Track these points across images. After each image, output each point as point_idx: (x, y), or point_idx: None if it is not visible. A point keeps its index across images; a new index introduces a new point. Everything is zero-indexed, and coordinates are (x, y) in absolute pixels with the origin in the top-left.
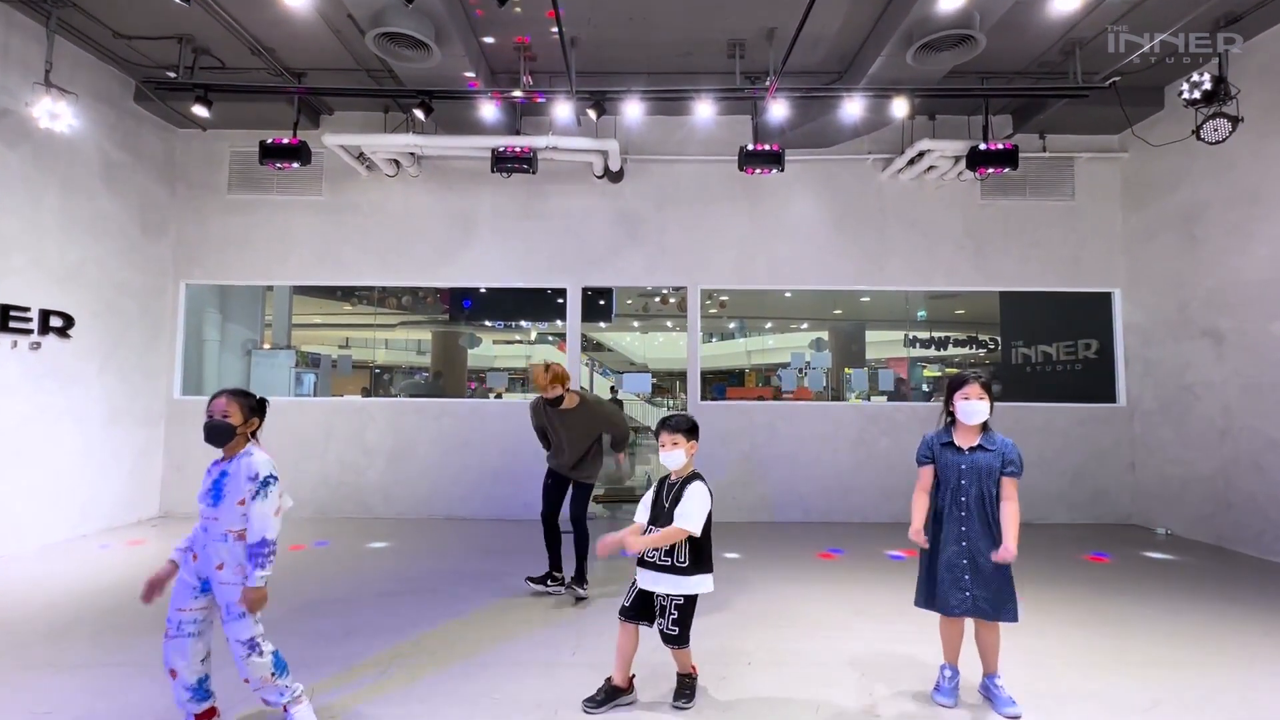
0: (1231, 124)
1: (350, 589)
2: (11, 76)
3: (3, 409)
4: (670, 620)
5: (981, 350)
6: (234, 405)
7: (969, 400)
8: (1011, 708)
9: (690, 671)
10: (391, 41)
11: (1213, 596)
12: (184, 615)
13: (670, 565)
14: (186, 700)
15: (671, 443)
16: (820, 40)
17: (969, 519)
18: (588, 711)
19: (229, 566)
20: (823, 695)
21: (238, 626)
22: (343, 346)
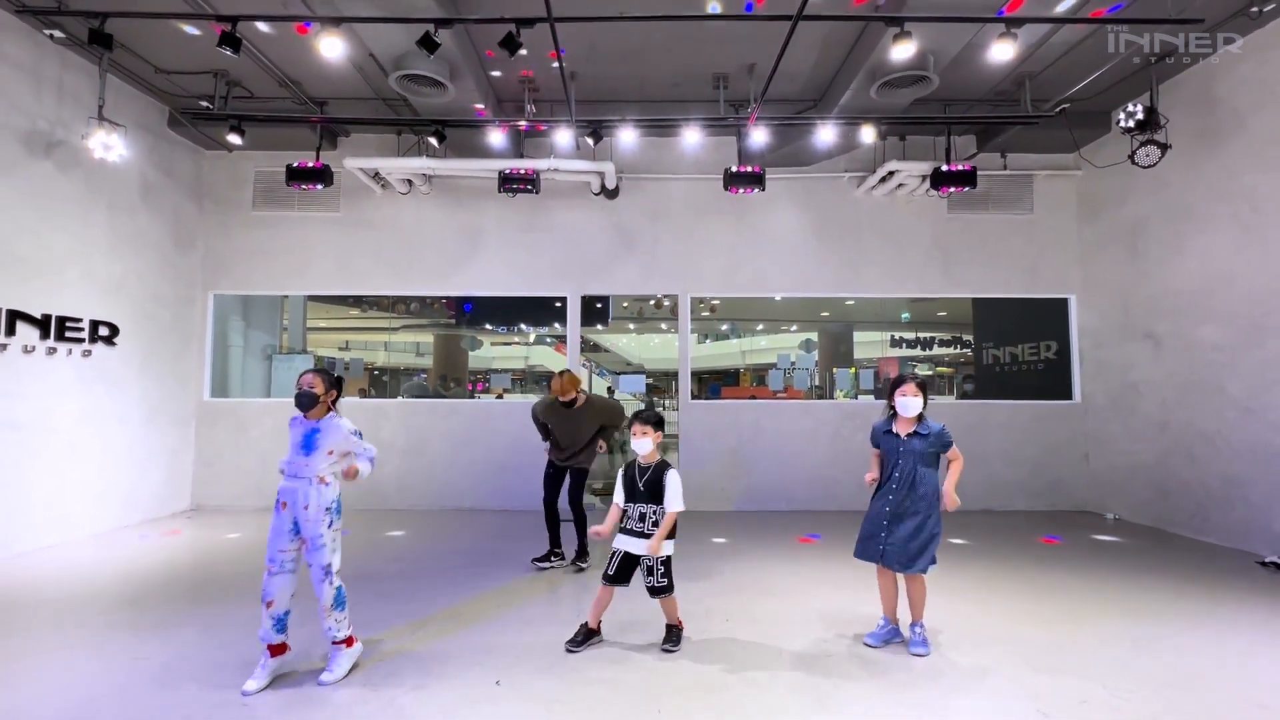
0: (1161, 150)
1: (376, 568)
2: (66, 109)
3: (60, 411)
4: (659, 575)
5: (968, 350)
6: (318, 379)
7: (905, 396)
8: (921, 648)
9: (678, 623)
10: (411, 81)
11: (1140, 570)
12: (283, 555)
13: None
14: (270, 628)
15: (642, 432)
16: (796, 75)
17: (898, 490)
18: (570, 651)
19: (314, 506)
20: (786, 642)
21: (319, 555)
22: (342, 349)
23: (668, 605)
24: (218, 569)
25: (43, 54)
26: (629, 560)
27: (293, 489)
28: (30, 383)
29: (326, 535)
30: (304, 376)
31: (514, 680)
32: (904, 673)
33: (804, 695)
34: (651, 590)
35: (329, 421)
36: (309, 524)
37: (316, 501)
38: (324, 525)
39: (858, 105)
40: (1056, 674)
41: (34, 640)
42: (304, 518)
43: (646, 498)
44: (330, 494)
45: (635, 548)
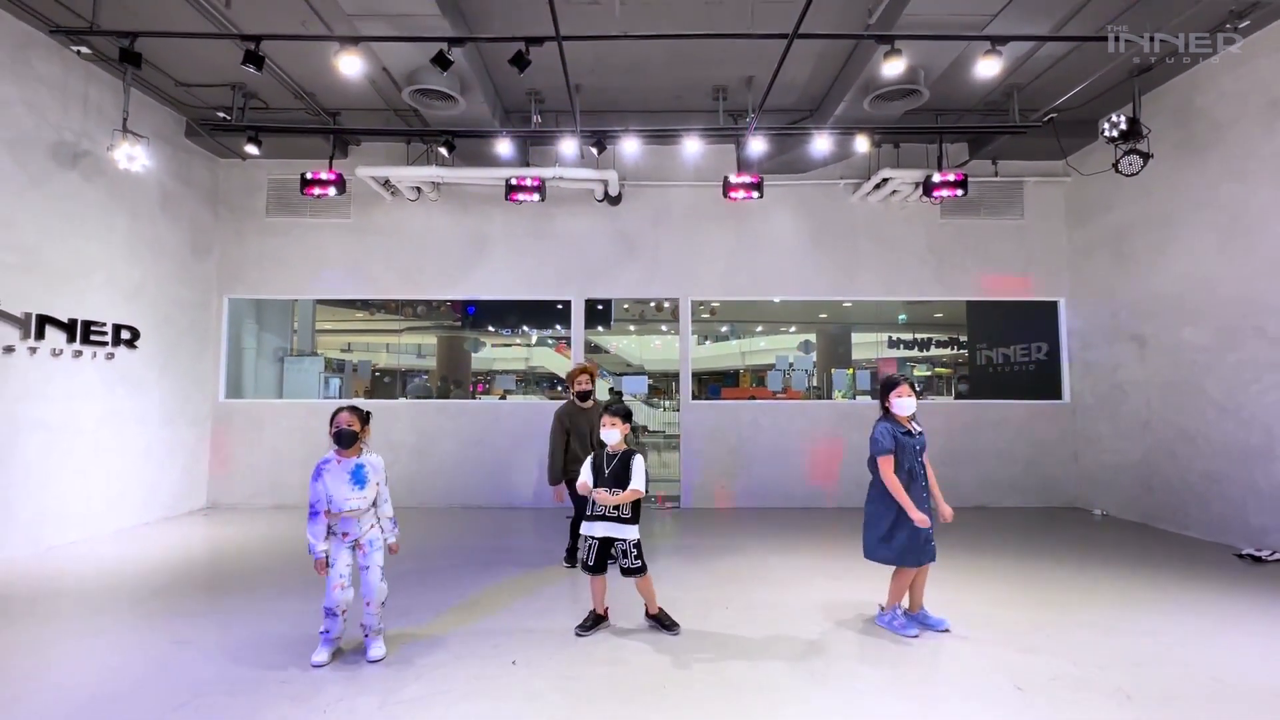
0: (1144, 160)
1: (393, 562)
2: (90, 122)
3: (85, 411)
4: (632, 558)
5: (964, 351)
6: (354, 417)
7: (903, 397)
8: (943, 624)
9: (658, 610)
10: (424, 94)
11: (1122, 563)
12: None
13: (621, 518)
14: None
15: (612, 423)
16: (792, 86)
17: (925, 486)
18: (580, 635)
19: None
20: (781, 628)
21: (376, 556)
22: (345, 350)
23: (644, 587)
24: (238, 563)
25: (69, 69)
26: (604, 547)
27: (352, 519)
28: (58, 384)
29: (379, 541)
30: (341, 415)
31: (529, 659)
32: (892, 653)
33: (800, 673)
34: (625, 572)
35: (368, 459)
36: (367, 533)
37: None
38: (378, 533)
39: (852, 116)
40: (1032, 653)
41: (77, 626)
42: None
43: (612, 482)
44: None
45: (613, 532)
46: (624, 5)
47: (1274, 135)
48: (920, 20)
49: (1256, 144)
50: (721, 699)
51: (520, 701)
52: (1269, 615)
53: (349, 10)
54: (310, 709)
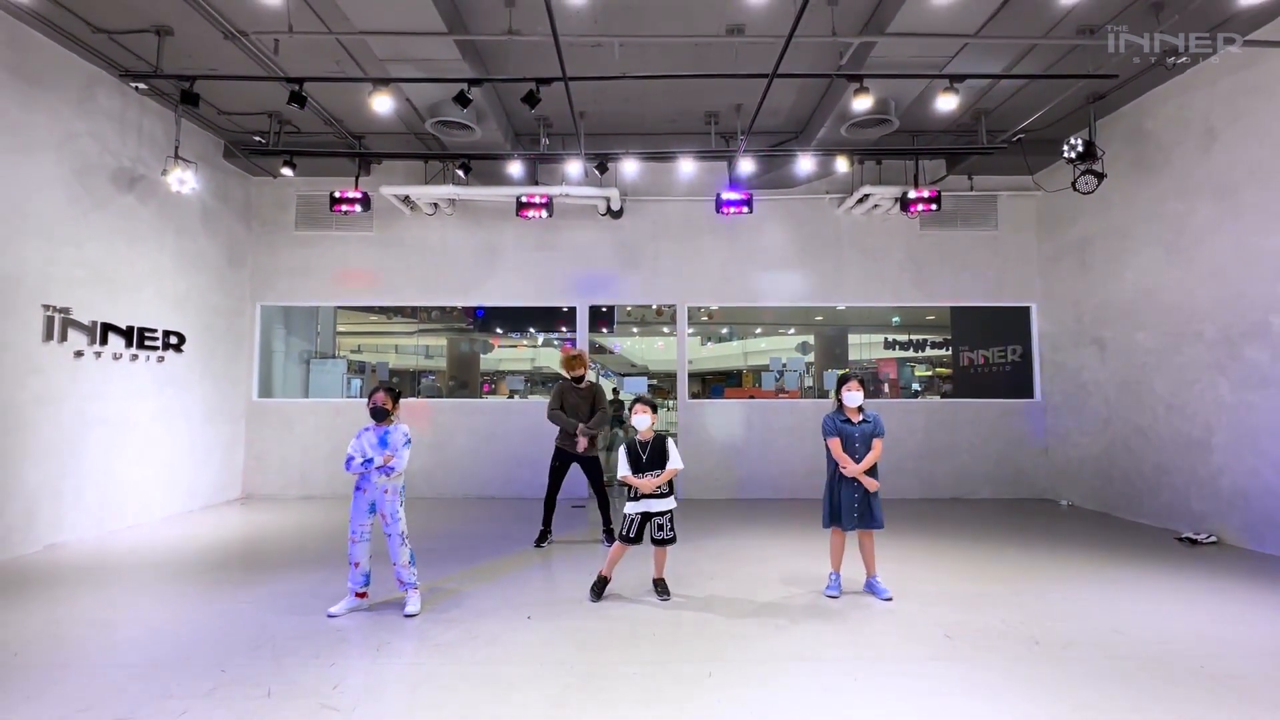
0: (1098, 179)
1: (416, 544)
2: (145, 149)
3: (139, 409)
4: (669, 529)
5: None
6: (388, 397)
7: (851, 391)
8: (885, 593)
9: (662, 577)
10: (444, 125)
11: (1074, 546)
12: (363, 528)
13: (661, 494)
14: (361, 581)
15: (643, 409)
16: (778, 111)
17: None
18: (594, 601)
19: (390, 490)
20: (758, 594)
21: (396, 526)
22: (354, 351)
23: (663, 556)
24: (278, 544)
25: (127, 103)
26: (644, 522)
27: (371, 477)
28: (117, 384)
29: (400, 511)
30: (376, 395)
31: (541, 615)
32: (848, 613)
33: (768, 628)
34: (660, 541)
35: (396, 426)
36: (387, 503)
37: (392, 487)
38: (398, 504)
39: (832, 139)
40: (967, 613)
41: (155, 591)
42: (382, 500)
43: (652, 465)
44: (401, 481)
45: (654, 506)
46: (623, 47)
47: (1209, 159)
48: (886, 61)
49: (1195, 166)
50: (701, 643)
51: (536, 646)
52: (1184, 588)
53: (381, 55)
54: (362, 649)
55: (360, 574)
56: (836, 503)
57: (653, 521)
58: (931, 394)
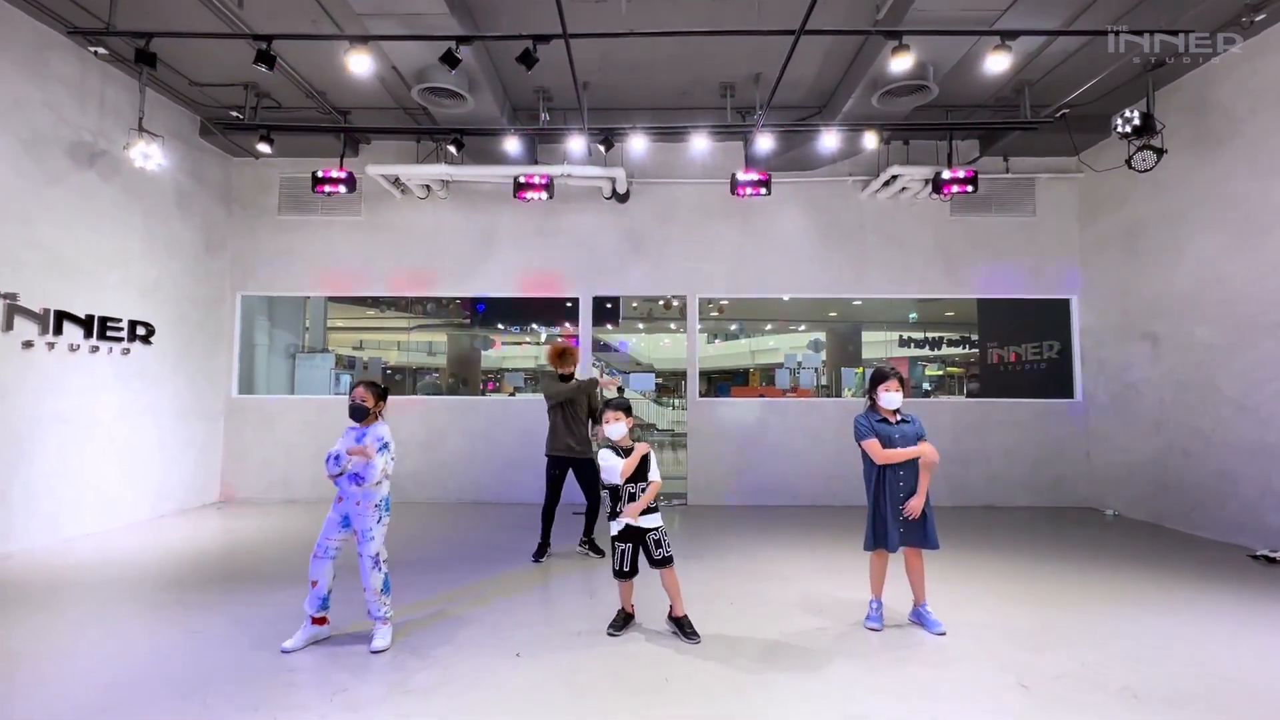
0: (1157, 155)
1: (399, 555)
2: (107, 121)
3: (100, 405)
4: (665, 546)
5: (975, 350)
6: (368, 393)
7: (889, 391)
8: (938, 627)
9: (684, 614)
10: (432, 93)
11: (1134, 562)
12: (330, 543)
13: (653, 508)
14: (317, 604)
15: (616, 418)
16: (800, 83)
17: (905, 474)
18: (612, 634)
19: (365, 502)
20: (785, 623)
21: (370, 546)
22: (356, 348)
23: (671, 581)
24: (251, 556)
25: (87, 69)
26: (636, 549)
27: (346, 485)
28: (75, 378)
29: (376, 529)
30: (356, 390)
31: (533, 652)
32: (895, 653)
33: (801, 673)
34: (657, 562)
35: (374, 427)
36: (360, 518)
37: (365, 498)
38: (374, 520)
39: (860, 113)
40: (1038, 651)
41: (94, 615)
42: (355, 512)
43: (640, 478)
44: (381, 491)
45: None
46: (630, 3)
47: None
48: (928, 16)
49: (1273, 138)
50: (722, 695)
51: (524, 692)
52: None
53: (359, 9)
54: (315, 696)
55: (318, 595)
56: (884, 520)
57: (646, 542)
58: (942, 394)
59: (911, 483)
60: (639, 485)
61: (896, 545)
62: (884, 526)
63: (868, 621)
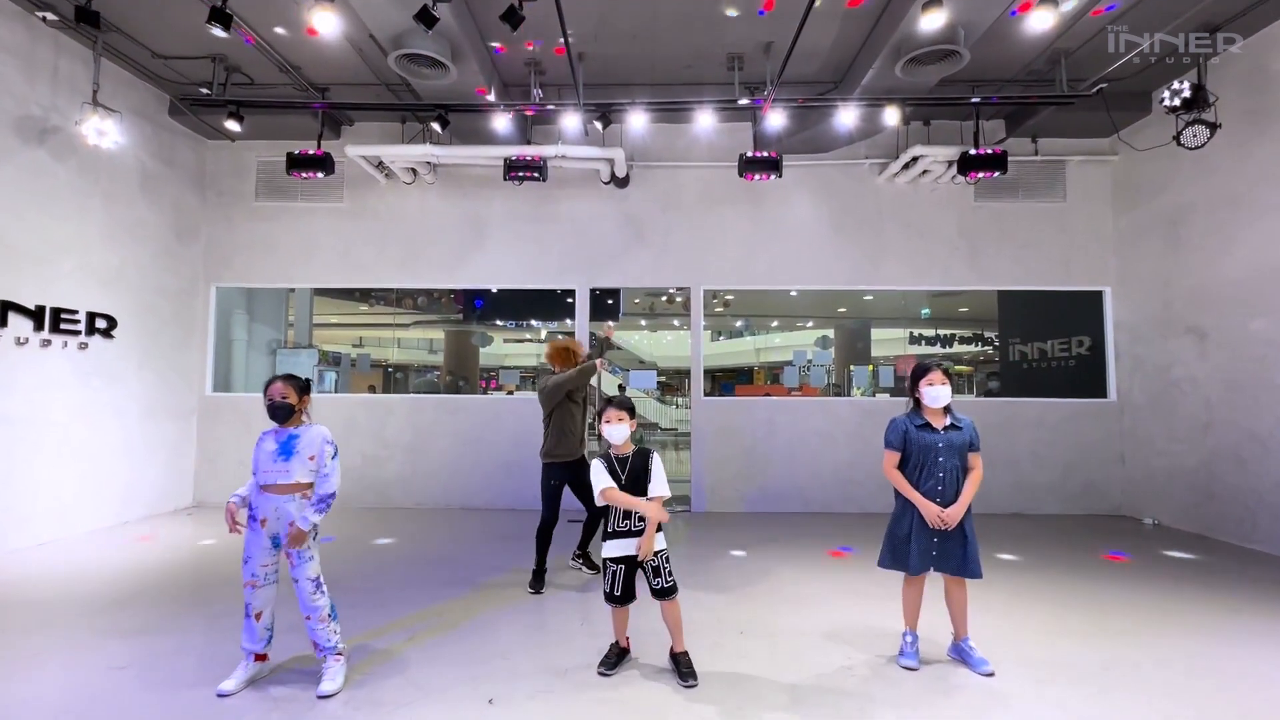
0: (1210, 130)
1: (375, 569)
2: (60, 96)
3: (54, 404)
4: (665, 575)
5: (988, 348)
6: (289, 388)
7: (933, 385)
8: (985, 666)
9: (684, 650)
10: (412, 61)
11: (1188, 581)
12: (264, 570)
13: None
14: (259, 638)
15: (618, 418)
16: (815, 53)
17: (945, 491)
18: (604, 674)
19: (299, 521)
20: (806, 659)
21: (310, 567)
22: (356, 345)
23: (674, 615)
24: (212, 568)
25: (36, 37)
26: (631, 570)
27: (273, 503)
28: (23, 375)
29: (313, 548)
30: (273, 386)
31: (508, 697)
32: (937, 700)
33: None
34: (657, 592)
35: (307, 429)
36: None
37: (300, 517)
38: (310, 538)
39: (881, 85)
40: (1105, 698)
41: (7, 643)
42: (285, 532)
43: (630, 488)
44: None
45: (629, 549)
46: None
47: None
48: None
49: None
50: None
51: None
52: None
53: None
54: None
55: (262, 628)
56: (905, 535)
57: (645, 568)
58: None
59: (952, 491)
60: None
61: (919, 568)
62: (904, 543)
63: (901, 659)
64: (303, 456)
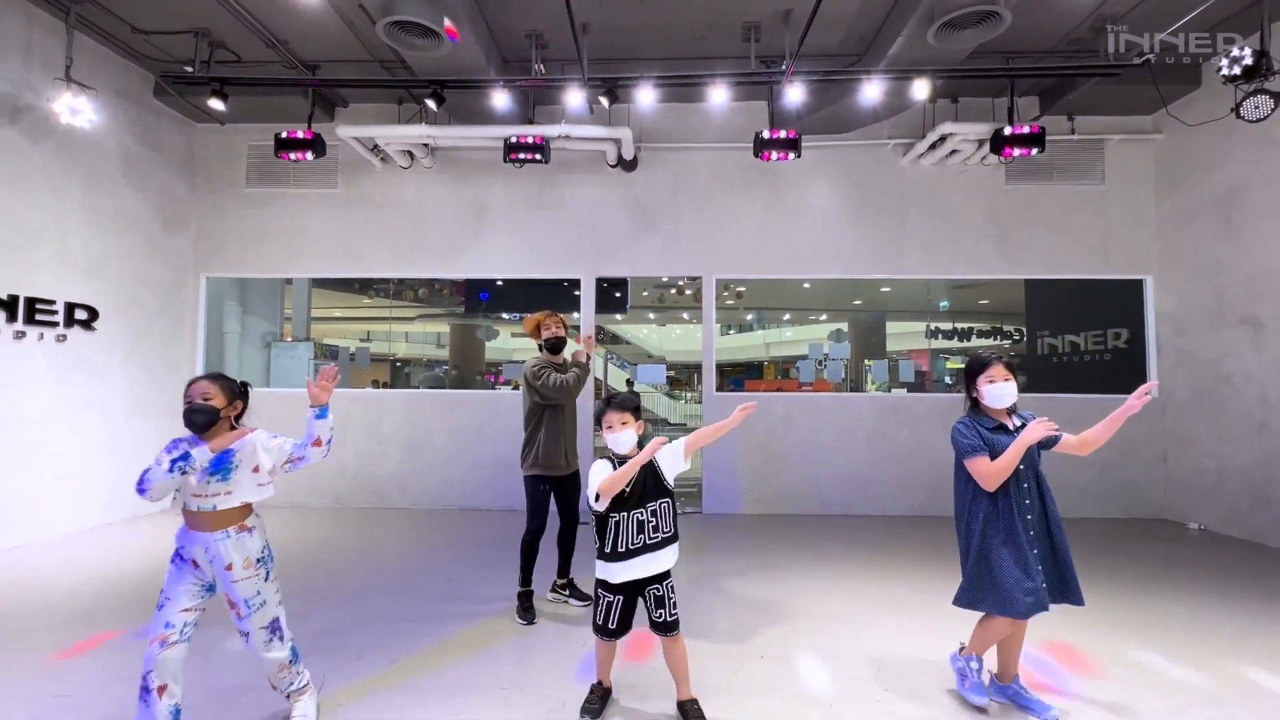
0: (1275, 100)
1: (345, 575)
2: (34, 73)
3: (30, 401)
4: (671, 604)
5: (1006, 341)
6: (214, 387)
7: (995, 383)
8: (1049, 712)
9: (692, 697)
10: (402, 30)
11: (1258, 595)
12: (188, 617)
13: (671, 535)
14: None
15: (621, 422)
16: (837, 21)
17: (1033, 504)
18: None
19: (238, 565)
20: (842, 692)
21: (264, 614)
22: (363, 340)
23: (679, 653)
24: None
25: (5, 9)
26: (630, 600)
27: (204, 540)
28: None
29: (266, 590)
30: (196, 385)
31: None
32: None
33: None
34: (665, 627)
35: (249, 439)
36: (238, 587)
37: (242, 556)
38: (260, 581)
39: (910, 56)
40: None
41: None
42: (227, 579)
43: (647, 498)
44: (256, 542)
45: (646, 567)
46: None
47: None
48: None
49: None
50: None
51: None
52: None
53: None
54: None
55: (171, 709)
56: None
57: (647, 595)
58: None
59: (1039, 505)
60: (650, 506)
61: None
62: (1008, 581)
63: (971, 694)
64: (245, 470)
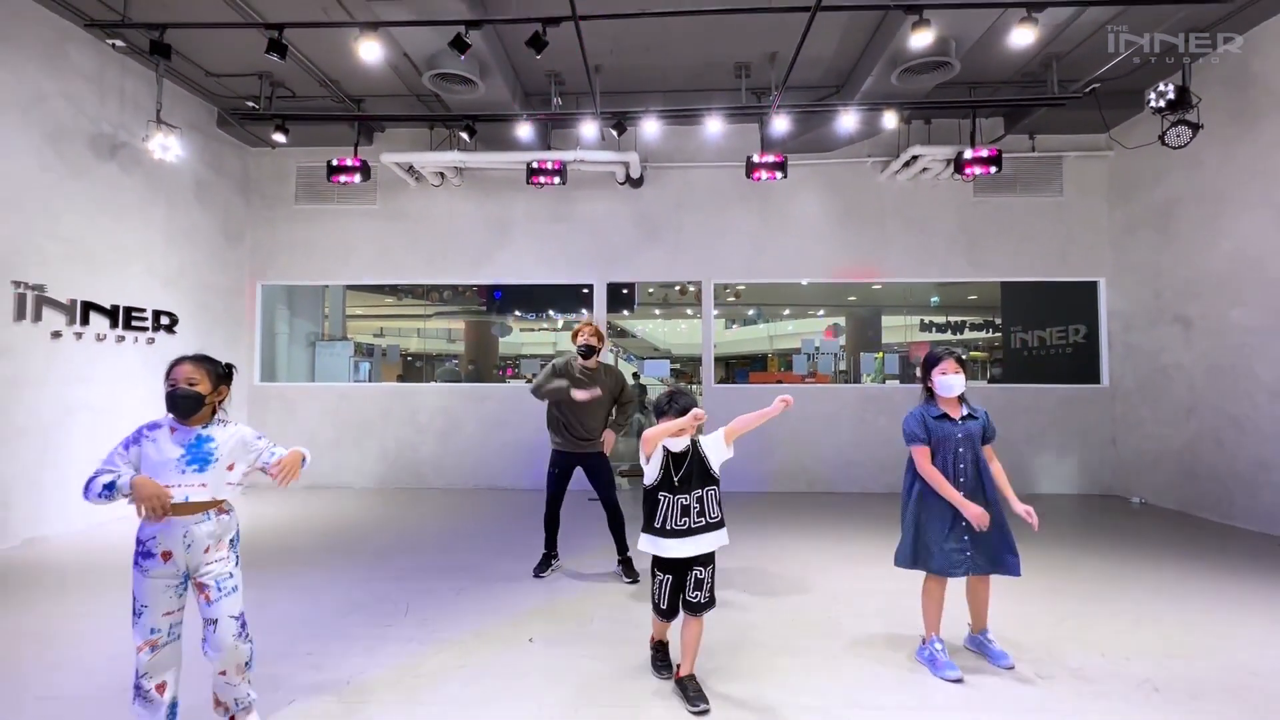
0: (1193, 131)
1: (416, 542)
2: (127, 114)
3: (128, 394)
4: (708, 589)
5: (997, 335)
6: (200, 371)
7: (946, 375)
8: (1005, 660)
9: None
10: (443, 79)
11: (1162, 552)
12: (172, 618)
13: (718, 520)
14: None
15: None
16: (817, 61)
17: (967, 484)
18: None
19: (213, 548)
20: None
21: (229, 602)
22: (377, 335)
23: (696, 631)
24: (250, 545)
25: (105, 62)
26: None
27: (180, 528)
28: (102, 368)
29: (237, 574)
30: (179, 367)
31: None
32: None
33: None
34: (696, 607)
35: (230, 429)
36: (214, 568)
37: (225, 535)
38: (232, 564)
39: (880, 91)
40: (1056, 643)
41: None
42: (204, 562)
43: (698, 481)
44: (233, 523)
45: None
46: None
47: None
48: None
49: None
50: None
51: None
52: None
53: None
54: None
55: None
56: (938, 534)
57: (690, 576)
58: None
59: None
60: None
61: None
62: (928, 542)
63: (941, 670)
64: (221, 467)
